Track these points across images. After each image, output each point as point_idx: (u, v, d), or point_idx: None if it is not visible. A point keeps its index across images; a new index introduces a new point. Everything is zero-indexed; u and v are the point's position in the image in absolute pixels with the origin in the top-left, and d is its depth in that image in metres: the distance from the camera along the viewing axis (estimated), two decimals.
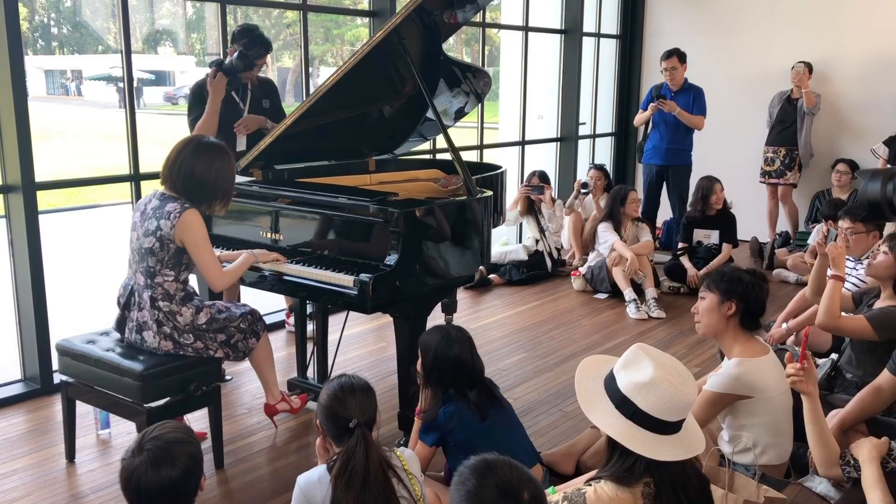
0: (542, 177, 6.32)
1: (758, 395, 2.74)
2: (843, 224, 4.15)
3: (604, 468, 1.97)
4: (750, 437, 2.71)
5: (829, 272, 3.41)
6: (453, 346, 2.74)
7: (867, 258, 4.12)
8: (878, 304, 3.39)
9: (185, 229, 2.94)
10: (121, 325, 3.14)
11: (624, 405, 1.93)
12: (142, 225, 3.00)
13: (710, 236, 6.08)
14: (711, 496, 2.02)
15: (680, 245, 6.12)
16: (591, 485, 1.93)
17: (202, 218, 3.00)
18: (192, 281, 3.26)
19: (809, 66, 6.73)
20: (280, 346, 4.64)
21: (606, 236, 5.81)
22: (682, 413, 1.93)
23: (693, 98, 6.39)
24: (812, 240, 6.26)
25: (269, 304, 4.82)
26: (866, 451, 2.40)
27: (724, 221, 6.07)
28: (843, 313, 3.40)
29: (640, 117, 6.72)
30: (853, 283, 4.12)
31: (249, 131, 4.19)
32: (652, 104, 6.48)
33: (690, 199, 6.25)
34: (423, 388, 2.81)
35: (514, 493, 1.55)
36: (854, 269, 4.25)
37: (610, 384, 1.99)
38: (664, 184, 6.78)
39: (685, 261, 6.03)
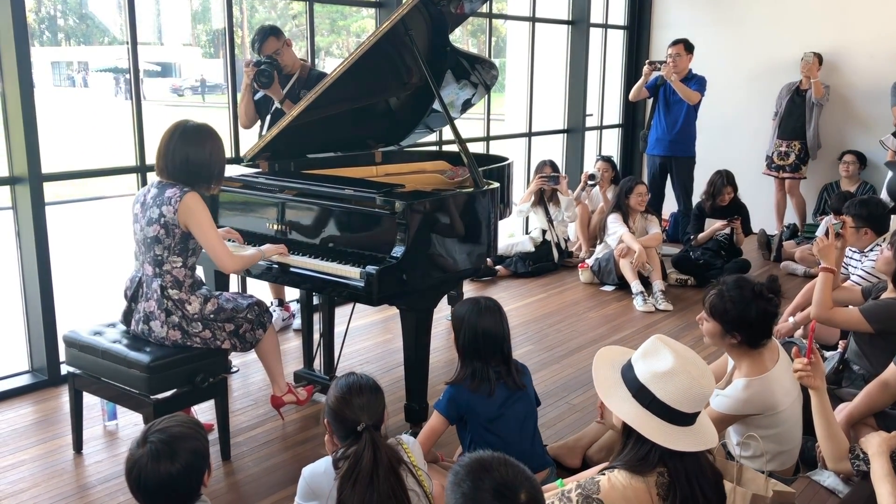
0: (553, 166, 6.30)
1: (767, 412, 2.72)
2: (845, 219, 4.19)
3: (617, 457, 1.97)
4: (759, 445, 2.68)
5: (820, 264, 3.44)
6: (484, 317, 2.72)
7: (870, 250, 4.12)
8: (884, 297, 3.39)
9: (188, 213, 2.94)
10: (127, 317, 3.14)
11: (641, 394, 1.93)
12: (143, 215, 3.00)
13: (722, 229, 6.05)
14: (724, 491, 2.01)
15: (692, 237, 6.08)
16: (604, 474, 1.92)
17: (203, 201, 3.00)
18: (200, 272, 3.26)
19: (819, 57, 6.67)
20: (286, 337, 4.64)
21: (615, 228, 5.78)
22: (699, 405, 1.93)
23: (695, 83, 6.36)
24: (820, 232, 6.23)
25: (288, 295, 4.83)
26: (875, 444, 2.38)
27: (737, 212, 6.05)
28: (850, 307, 3.40)
29: (635, 88, 6.67)
30: (859, 276, 4.10)
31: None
32: (645, 67, 6.46)
33: (703, 192, 6.21)
34: (459, 361, 2.80)
35: (511, 494, 1.53)
36: (860, 261, 4.23)
37: (627, 373, 1.99)
38: (668, 175, 6.75)
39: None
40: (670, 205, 7.03)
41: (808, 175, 6.97)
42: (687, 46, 6.37)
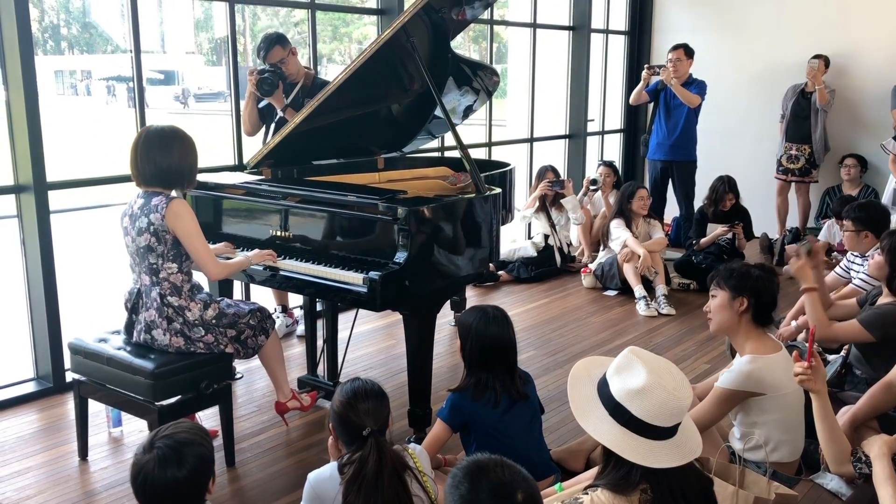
0: (555, 171, 6.32)
1: (770, 392, 2.73)
2: (845, 222, 4.21)
3: (600, 476, 1.93)
4: (762, 434, 2.70)
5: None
6: (491, 325, 2.73)
7: (869, 255, 4.13)
8: (880, 302, 3.39)
9: (175, 218, 2.95)
10: (129, 329, 3.15)
11: (617, 412, 1.88)
12: (133, 227, 3.01)
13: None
14: (714, 498, 1.98)
15: (695, 242, 6.09)
16: (587, 493, 1.90)
17: (190, 207, 3.02)
18: (204, 281, 3.28)
19: (826, 60, 6.66)
20: (290, 343, 4.65)
21: (619, 232, 5.79)
22: (677, 418, 1.88)
23: (695, 87, 6.37)
24: (823, 236, 6.24)
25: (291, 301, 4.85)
26: (877, 447, 2.38)
27: (739, 217, 6.06)
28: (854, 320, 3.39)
29: (635, 92, 6.67)
30: (861, 280, 4.11)
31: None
32: (644, 72, 6.45)
33: (705, 197, 6.23)
34: (464, 369, 2.81)
35: (508, 495, 1.54)
36: (862, 265, 4.24)
37: (603, 390, 1.95)
38: (670, 179, 6.76)
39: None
40: (672, 209, 7.04)
41: (817, 178, 6.94)
42: (687, 51, 6.38)
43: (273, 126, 4.45)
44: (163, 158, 2.99)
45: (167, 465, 1.88)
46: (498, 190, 3.55)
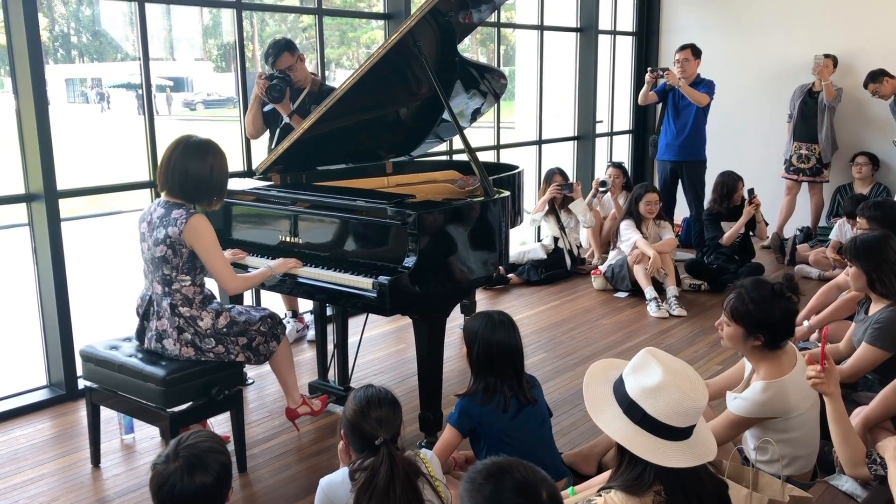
0: (563, 174, 6.31)
1: (784, 416, 2.69)
2: (859, 221, 4.18)
3: (613, 477, 1.93)
4: (775, 450, 2.65)
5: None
6: (497, 331, 2.73)
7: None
8: (873, 310, 3.36)
9: (194, 234, 2.95)
10: (140, 335, 3.16)
11: (632, 410, 1.89)
12: (150, 235, 3.01)
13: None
14: (729, 501, 1.97)
15: (719, 239, 6.04)
16: (601, 495, 1.90)
17: (209, 222, 3.02)
18: (214, 288, 3.28)
19: (834, 59, 6.62)
20: (301, 349, 4.66)
21: (629, 234, 5.77)
22: (692, 419, 1.88)
23: (703, 86, 6.34)
24: (833, 235, 6.20)
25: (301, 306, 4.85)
26: (892, 449, 2.37)
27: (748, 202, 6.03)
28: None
29: (641, 94, 6.64)
30: None
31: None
32: (649, 74, 6.41)
33: (712, 194, 6.20)
34: (472, 375, 2.81)
35: (534, 493, 1.53)
36: None
37: (618, 388, 1.95)
38: (679, 180, 6.73)
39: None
40: (682, 210, 7.01)
41: (828, 178, 6.89)
42: (694, 51, 6.36)
43: (278, 132, 4.46)
44: (196, 167, 2.99)
45: (195, 472, 1.88)
46: (506, 193, 3.55)
